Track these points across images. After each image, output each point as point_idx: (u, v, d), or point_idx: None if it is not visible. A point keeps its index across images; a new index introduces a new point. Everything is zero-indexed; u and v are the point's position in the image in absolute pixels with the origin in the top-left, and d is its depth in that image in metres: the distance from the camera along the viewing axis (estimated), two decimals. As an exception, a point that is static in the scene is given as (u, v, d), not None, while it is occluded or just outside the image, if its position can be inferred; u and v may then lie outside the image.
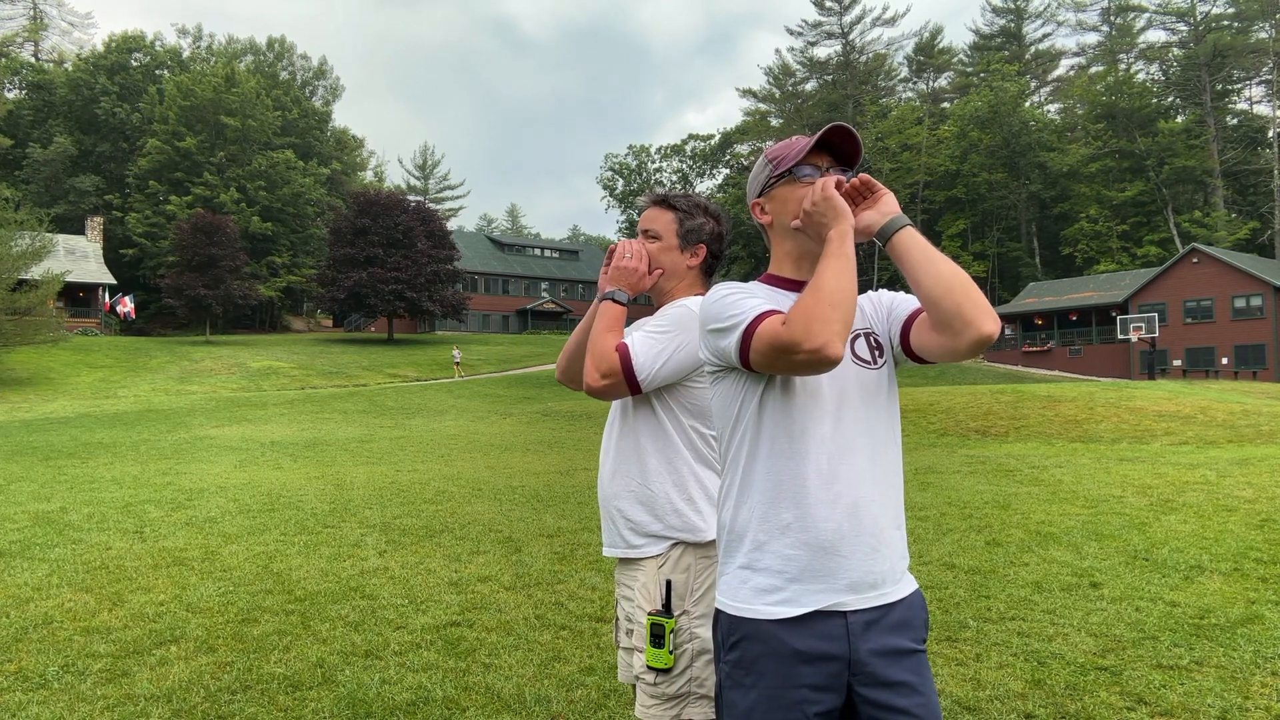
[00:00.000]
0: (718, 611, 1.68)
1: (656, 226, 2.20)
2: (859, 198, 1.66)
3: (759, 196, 1.79)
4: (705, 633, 1.97)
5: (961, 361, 1.52)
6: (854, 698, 1.58)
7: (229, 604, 5.05)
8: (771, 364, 1.55)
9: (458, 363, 39.24)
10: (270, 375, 34.71)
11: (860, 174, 1.68)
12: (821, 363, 1.48)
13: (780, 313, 1.55)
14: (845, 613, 1.58)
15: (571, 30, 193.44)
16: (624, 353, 2.00)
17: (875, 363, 1.69)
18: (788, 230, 1.73)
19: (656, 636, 1.94)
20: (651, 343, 2.01)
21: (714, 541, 2.03)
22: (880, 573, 1.61)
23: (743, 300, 1.61)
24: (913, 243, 1.58)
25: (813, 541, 1.58)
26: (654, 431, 2.08)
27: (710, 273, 2.24)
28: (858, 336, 1.70)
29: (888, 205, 1.63)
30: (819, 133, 1.68)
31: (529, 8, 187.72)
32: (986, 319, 1.50)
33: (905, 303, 1.72)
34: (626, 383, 2.00)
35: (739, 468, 1.66)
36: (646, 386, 2.01)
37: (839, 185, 1.64)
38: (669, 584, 2.00)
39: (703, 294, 2.18)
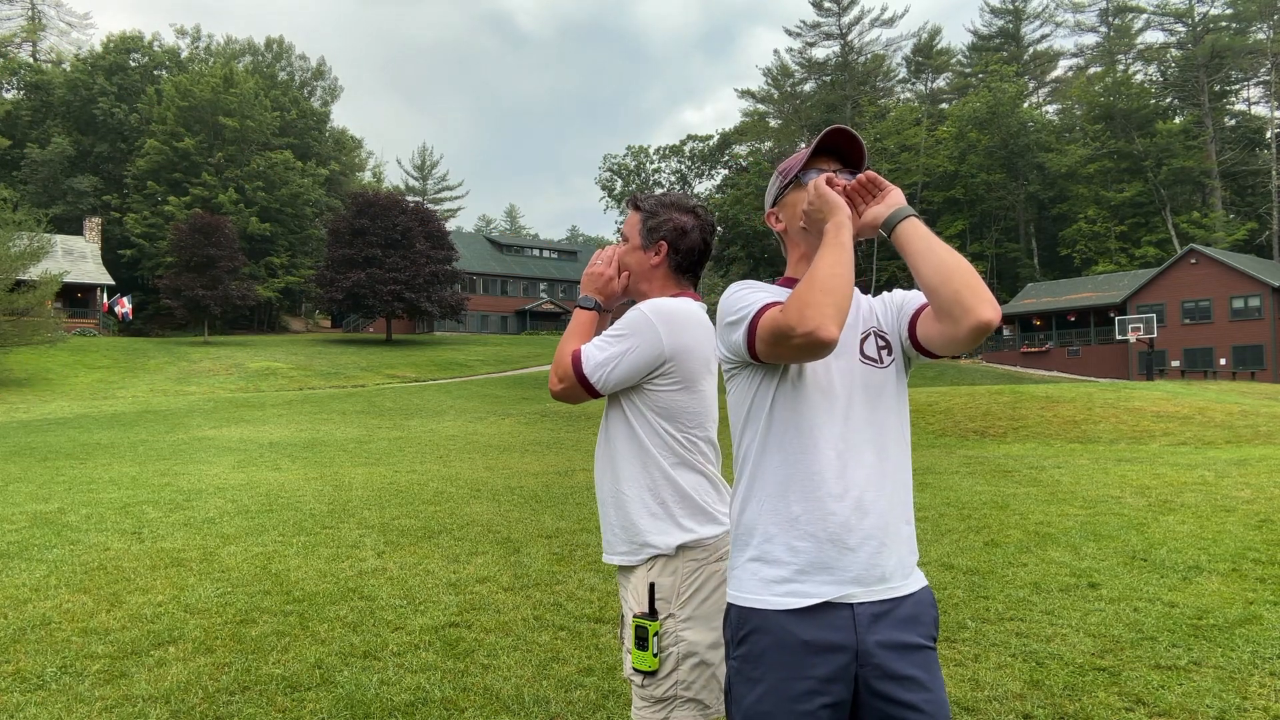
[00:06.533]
0: (729, 605, 1.70)
1: (626, 228, 2.24)
2: (868, 195, 1.69)
3: (773, 207, 1.85)
4: (692, 636, 1.96)
5: (963, 352, 1.54)
6: (861, 690, 1.58)
7: (227, 605, 5.05)
8: (773, 351, 1.58)
9: None
10: (268, 376, 34.68)
11: (867, 171, 1.71)
12: (815, 345, 1.50)
13: (782, 303, 1.59)
14: (852, 604, 1.59)
15: (569, 25, 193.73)
16: (576, 357, 2.05)
17: (883, 362, 1.72)
18: (800, 234, 1.77)
19: (640, 639, 1.95)
20: (604, 345, 2.04)
21: (700, 544, 2.02)
22: (888, 567, 1.63)
23: (751, 294, 1.67)
24: (915, 232, 1.61)
25: (820, 534, 1.60)
26: (627, 435, 2.09)
27: (683, 270, 2.19)
28: (868, 335, 1.73)
29: (894, 199, 1.67)
30: (819, 137, 1.74)
31: (526, 2, 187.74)
32: (985, 306, 1.52)
33: (913, 298, 1.76)
34: (581, 386, 2.04)
35: (749, 463, 1.70)
36: (602, 389, 2.05)
37: (830, 181, 1.68)
38: (652, 587, 2.00)
39: (672, 294, 2.16)
